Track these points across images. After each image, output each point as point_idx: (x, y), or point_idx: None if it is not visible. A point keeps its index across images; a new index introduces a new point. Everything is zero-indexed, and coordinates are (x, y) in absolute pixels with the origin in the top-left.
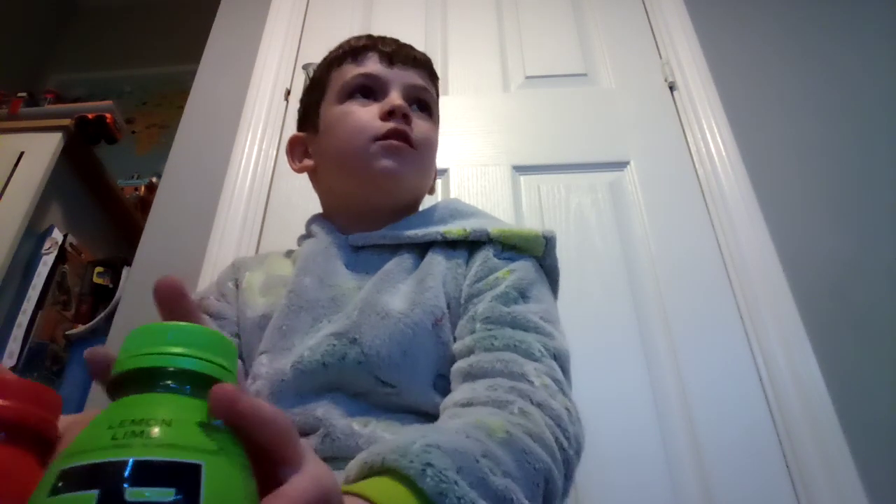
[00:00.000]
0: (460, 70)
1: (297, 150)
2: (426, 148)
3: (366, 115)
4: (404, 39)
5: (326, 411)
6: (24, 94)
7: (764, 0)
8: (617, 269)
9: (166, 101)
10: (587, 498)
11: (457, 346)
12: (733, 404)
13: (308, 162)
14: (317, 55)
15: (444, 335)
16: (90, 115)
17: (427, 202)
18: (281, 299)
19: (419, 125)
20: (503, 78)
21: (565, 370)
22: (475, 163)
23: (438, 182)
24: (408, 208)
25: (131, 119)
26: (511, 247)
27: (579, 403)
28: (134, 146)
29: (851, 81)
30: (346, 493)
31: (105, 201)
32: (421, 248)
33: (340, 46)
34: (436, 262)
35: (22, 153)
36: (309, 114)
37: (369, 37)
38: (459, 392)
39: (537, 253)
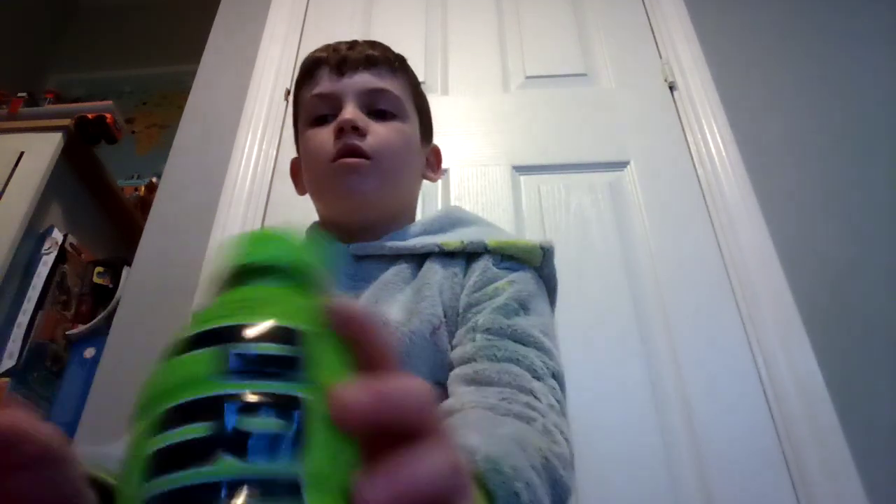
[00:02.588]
0: (460, 70)
1: (298, 174)
2: (386, 154)
3: (322, 136)
4: (404, 40)
5: None
6: (24, 94)
7: (764, 0)
8: (617, 269)
9: (166, 101)
10: (587, 498)
11: (455, 353)
12: (733, 404)
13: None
14: None
15: (441, 343)
16: (90, 115)
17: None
18: None
19: (377, 131)
20: (503, 78)
21: (563, 390)
22: (475, 163)
23: (437, 182)
24: (402, 214)
25: (131, 119)
26: (509, 257)
27: (579, 403)
28: (134, 146)
29: (851, 81)
30: None
31: (105, 201)
32: (419, 257)
33: (301, 66)
34: (433, 271)
35: (22, 153)
36: (296, 137)
37: (323, 48)
38: (471, 394)
39: (535, 264)
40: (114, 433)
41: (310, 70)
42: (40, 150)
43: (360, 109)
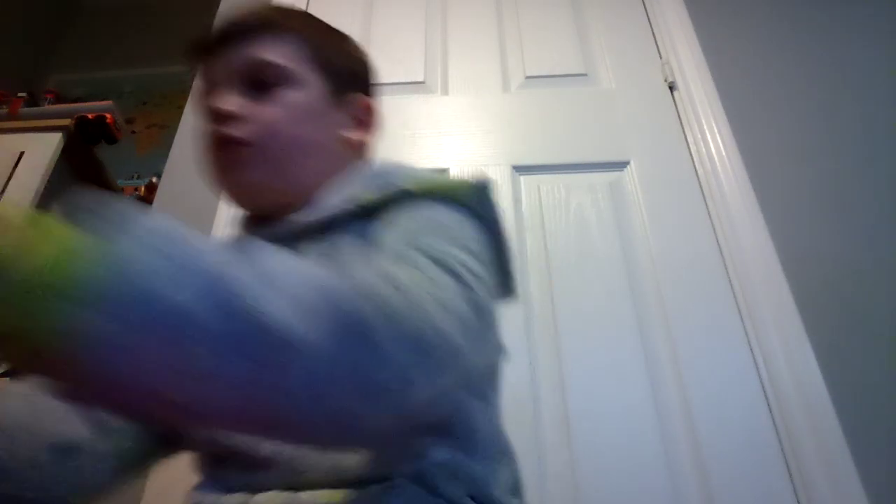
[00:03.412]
0: (460, 70)
1: None
2: (271, 133)
3: (205, 129)
4: (404, 39)
5: None
6: (24, 94)
7: (764, 1)
8: (617, 269)
9: (166, 101)
10: (586, 497)
11: None
12: (733, 404)
13: None
14: None
15: None
16: (90, 115)
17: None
18: None
19: (257, 112)
20: (503, 78)
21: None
22: (475, 163)
23: None
24: (313, 190)
25: (131, 119)
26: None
27: (579, 403)
28: (134, 146)
29: (852, 81)
30: None
31: None
32: (338, 227)
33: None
34: (347, 239)
35: (22, 153)
36: None
37: (202, 37)
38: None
39: (469, 202)
40: None
41: (194, 63)
42: (40, 150)
43: (242, 87)
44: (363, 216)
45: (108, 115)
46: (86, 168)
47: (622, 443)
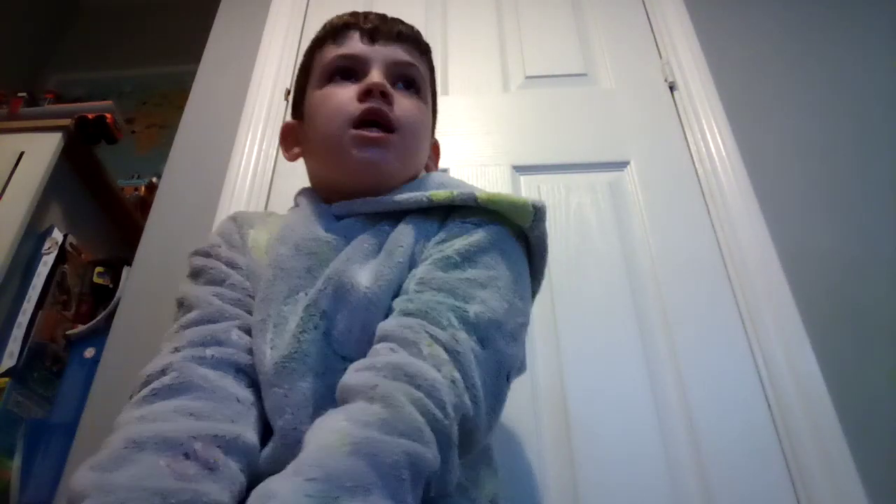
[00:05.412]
0: (460, 70)
1: (289, 139)
2: (409, 129)
3: (343, 96)
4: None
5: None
6: (24, 94)
7: (764, 0)
8: (617, 269)
9: (166, 101)
10: (586, 497)
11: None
12: (733, 404)
13: (297, 149)
14: None
15: None
16: (90, 115)
17: None
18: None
19: (402, 103)
20: (503, 78)
21: (485, 339)
22: (475, 163)
23: None
24: (401, 184)
25: (131, 119)
26: (488, 212)
27: (578, 402)
28: (134, 146)
29: (852, 81)
30: None
31: (105, 201)
32: (401, 216)
33: (323, 27)
34: (406, 231)
35: (22, 153)
36: (297, 101)
37: (352, 14)
38: (348, 372)
39: (523, 222)
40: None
41: (336, 32)
42: (40, 150)
43: (391, 78)
44: (429, 211)
45: (108, 115)
46: (86, 168)
47: (622, 442)
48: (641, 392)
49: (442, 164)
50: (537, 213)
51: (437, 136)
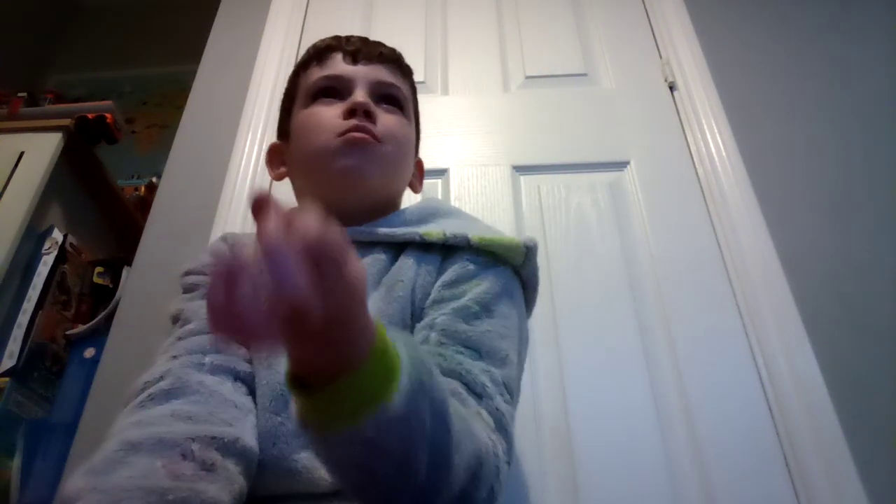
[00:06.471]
0: (460, 70)
1: (275, 159)
2: (393, 141)
3: (328, 114)
4: (404, 39)
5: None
6: (24, 94)
7: (764, 0)
8: (617, 269)
9: (166, 101)
10: (587, 497)
11: None
12: (733, 404)
13: (282, 169)
14: None
15: None
16: (90, 115)
17: (430, 191)
18: None
19: (385, 119)
20: (503, 78)
21: (513, 398)
22: (475, 163)
23: (437, 182)
24: (385, 207)
25: (131, 119)
26: (489, 253)
27: (579, 403)
28: (134, 146)
29: (852, 81)
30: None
31: (105, 201)
32: (396, 248)
33: (307, 51)
34: (407, 266)
35: (22, 153)
36: (282, 122)
37: (335, 37)
38: None
39: (516, 262)
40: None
41: (320, 53)
42: (40, 150)
43: (374, 97)
44: (424, 247)
45: (108, 115)
46: (86, 168)
47: (622, 442)
48: (641, 391)
49: (442, 164)
50: (528, 252)
51: (438, 135)
